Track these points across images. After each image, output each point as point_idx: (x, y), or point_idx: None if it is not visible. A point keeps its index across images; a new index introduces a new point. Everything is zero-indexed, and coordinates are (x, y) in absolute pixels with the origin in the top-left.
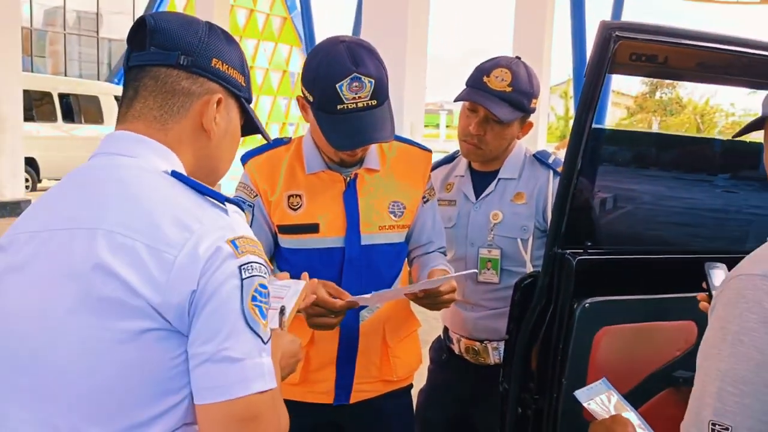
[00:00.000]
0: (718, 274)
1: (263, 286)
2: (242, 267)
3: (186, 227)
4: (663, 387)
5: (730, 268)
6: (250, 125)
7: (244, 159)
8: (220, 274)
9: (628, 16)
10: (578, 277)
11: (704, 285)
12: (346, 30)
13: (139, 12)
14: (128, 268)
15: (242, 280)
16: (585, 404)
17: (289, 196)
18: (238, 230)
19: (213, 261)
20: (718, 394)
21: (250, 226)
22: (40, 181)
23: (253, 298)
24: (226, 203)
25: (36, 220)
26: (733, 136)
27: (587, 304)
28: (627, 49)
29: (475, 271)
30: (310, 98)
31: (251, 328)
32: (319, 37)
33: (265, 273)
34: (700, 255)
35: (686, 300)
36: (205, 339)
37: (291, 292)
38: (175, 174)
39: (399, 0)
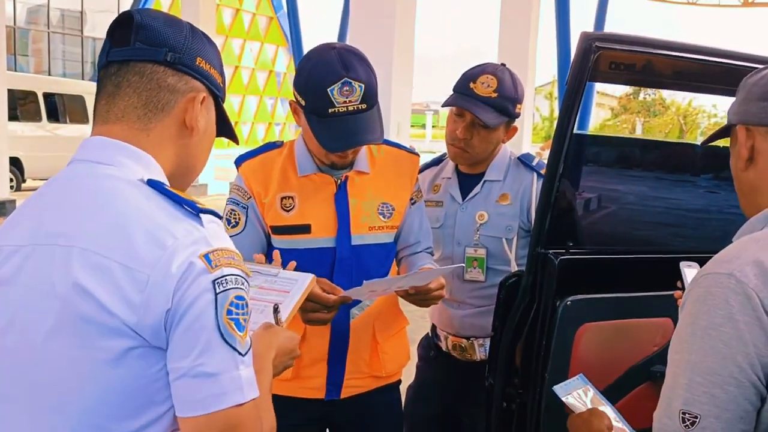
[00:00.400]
0: (691, 273)
1: (240, 297)
2: (216, 281)
3: (159, 243)
4: (641, 381)
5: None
6: (220, 125)
7: (238, 162)
8: (193, 290)
9: (611, 17)
10: (560, 276)
11: (679, 283)
12: (332, 30)
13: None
14: (103, 288)
15: (216, 294)
16: (563, 398)
17: (281, 198)
18: (213, 242)
19: (185, 278)
20: (688, 385)
21: (244, 228)
22: (24, 181)
23: (229, 312)
24: (201, 214)
25: (18, 233)
26: (702, 143)
27: (569, 302)
28: (606, 58)
29: (462, 265)
30: (302, 102)
31: (227, 342)
32: (306, 37)
33: (243, 284)
34: (678, 254)
35: (663, 298)
36: (181, 354)
37: (298, 285)
38: (151, 183)
39: (386, 1)
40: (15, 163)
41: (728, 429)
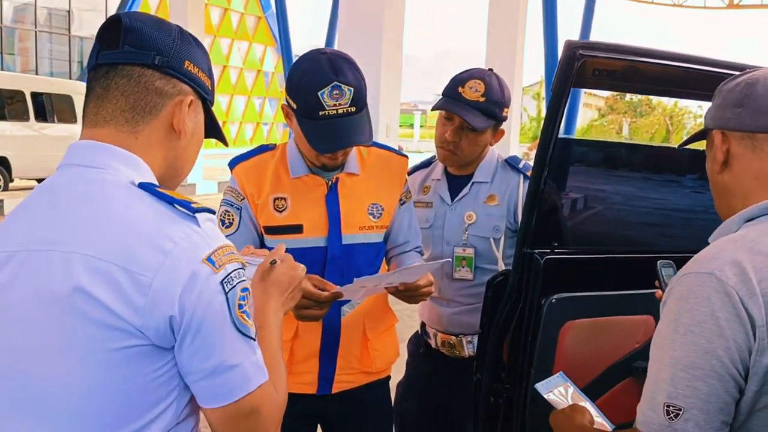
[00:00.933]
0: (668, 272)
1: (245, 289)
2: (223, 281)
3: (158, 248)
4: (624, 376)
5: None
6: (209, 128)
7: (232, 164)
8: (205, 296)
9: (598, 18)
10: (545, 275)
11: (656, 283)
12: (321, 30)
13: (112, 9)
14: (106, 291)
15: (226, 294)
16: (544, 395)
17: (274, 199)
18: (212, 242)
19: (193, 286)
20: (672, 379)
21: (238, 228)
22: (12, 180)
23: (240, 306)
24: (196, 214)
25: (12, 239)
26: (679, 146)
27: (554, 300)
28: (590, 65)
29: (449, 260)
30: (294, 106)
31: (243, 334)
32: (294, 37)
33: (244, 274)
34: (656, 254)
35: (645, 296)
36: (205, 356)
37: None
38: (143, 186)
39: (375, 3)
40: (2, 163)
41: (710, 420)
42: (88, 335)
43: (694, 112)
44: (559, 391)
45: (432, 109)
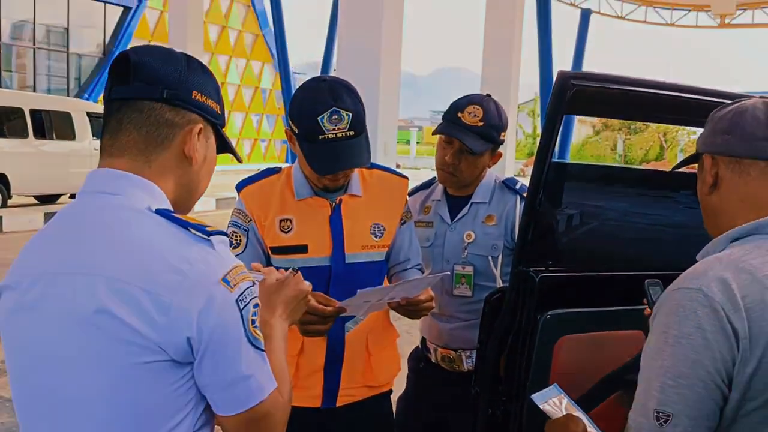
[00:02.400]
0: (655, 290)
1: (256, 305)
2: (238, 299)
3: (176, 269)
4: (615, 389)
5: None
6: (222, 147)
7: (239, 187)
8: (222, 315)
9: (592, 36)
10: (541, 291)
11: (645, 301)
12: (318, 47)
13: (110, 27)
14: (128, 311)
15: (241, 311)
16: (540, 405)
17: (280, 220)
18: (227, 263)
19: (211, 306)
20: (662, 388)
21: (245, 249)
22: (10, 197)
23: (252, 322)
24: (211, 237)
25: (38, 263)
26: (673, 168)
27: (549, 316)
28: (582, 94)
29: (448, 273)
30: (296, 130)
31: (256, 347)
32: (291, 54)
33: (255, 290)
34: (638, 273)
35: (635, 312)
36: (223, 370)
37: None
38: (159, 212)
39: (373, 22)
40: (1, 180)
41: (696, 425)
42: (111, 351)
43: (688, 129)
44: (553, 402)
45: (433, 134)
